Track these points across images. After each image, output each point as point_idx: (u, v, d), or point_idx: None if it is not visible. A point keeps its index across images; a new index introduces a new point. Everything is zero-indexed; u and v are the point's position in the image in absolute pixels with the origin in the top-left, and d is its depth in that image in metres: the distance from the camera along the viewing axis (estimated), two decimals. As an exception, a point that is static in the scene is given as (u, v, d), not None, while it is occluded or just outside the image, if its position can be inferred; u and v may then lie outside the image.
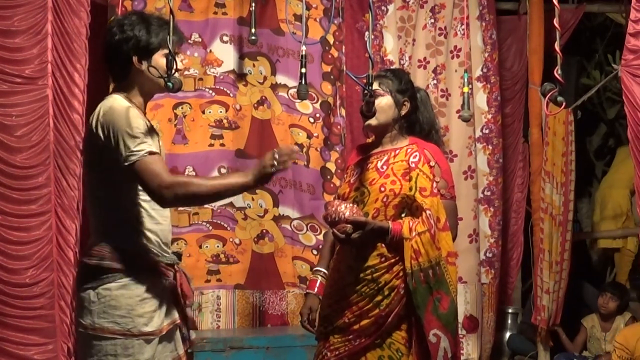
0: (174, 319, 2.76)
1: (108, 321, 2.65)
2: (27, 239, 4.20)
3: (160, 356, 2.74)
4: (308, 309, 3.29)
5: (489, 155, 5.57)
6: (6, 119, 4.19)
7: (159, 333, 2.71)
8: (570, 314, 5.77)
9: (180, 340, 2.82)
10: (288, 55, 5.46)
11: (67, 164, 4.26)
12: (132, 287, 2.67)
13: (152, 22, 2.79)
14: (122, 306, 2.65)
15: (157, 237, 2.74)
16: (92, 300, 2.66)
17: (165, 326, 2.73)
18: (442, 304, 3.03)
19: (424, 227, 3.03)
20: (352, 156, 3.40)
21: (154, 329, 2.69)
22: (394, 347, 3.07)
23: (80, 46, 4.31)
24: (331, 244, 3.36)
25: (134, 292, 2.67)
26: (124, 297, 2.65)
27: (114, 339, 2.65)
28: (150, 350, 2.68)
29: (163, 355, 2.75)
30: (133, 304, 2.66)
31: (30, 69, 4.23)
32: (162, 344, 2.74)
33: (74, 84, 4.29)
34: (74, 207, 4.28)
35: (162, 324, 2.71)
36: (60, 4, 4.26)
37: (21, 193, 4.20)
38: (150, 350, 2.68)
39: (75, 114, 4.28)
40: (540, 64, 5.66)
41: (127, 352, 2.65)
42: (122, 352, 2.65)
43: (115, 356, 2.65)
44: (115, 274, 2.67)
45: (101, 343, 2.66)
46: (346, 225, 2.97)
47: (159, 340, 2.72)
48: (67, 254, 4.24)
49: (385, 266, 3.07)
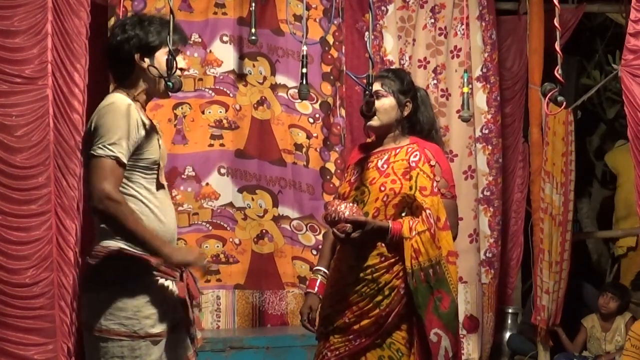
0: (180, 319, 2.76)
1: (114, 323, 2.64)
2: (27, 239, 4.19)
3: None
4: (308, 308, 3.29)
5: (489, 155, 5.57)
6: (6, 119, 4.18)
7: (165, 334, 2.70)
8: (570, 314, 5.77)
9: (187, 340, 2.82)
10: (288, 55, 5.46)
11: (67, 164, 4.26)
12: (138, 288, 2.66)
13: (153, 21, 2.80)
14: (128, 308, 2.64)
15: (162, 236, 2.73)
16: (98, 302, 2.66)
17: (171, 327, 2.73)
18: (443, 303, 3.03)
19: (424, 226, 3.03)
20: (352, 155, 3.39)
21: (160, 330, 2.68)
22: (394, 347, 3.07)
23: (80, 46, 4.30)
24: (331, 244, 3.36)
25: (140, 293, 2.66)
26: (130, 298, 2.65)
27: (121, 340, 2.64)
28: (157, 352, 2.68)
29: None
30: (139, 305, 2.65)
31: (30, 69, 4.23)
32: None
33: (74, 84, 4.29)
34: (74, 207, 4.27)
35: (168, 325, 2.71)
36: (60, 4, 4.25)
37: (21, 193, 4.19)
38: (158, 351, 2.68)
39: (75, 114, 4.27)
40: (540, 64, 5.66)
41: (134, 353, 2.65)
42: (129, 354, 2.64)
43: (122, 358, 2.64)
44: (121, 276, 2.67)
45: (108, 345, 2.64)
46: (346, 224, 2.97)
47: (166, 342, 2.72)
48: (67, 254, 4.24)
49: (386, 266, 3.07)
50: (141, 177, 2.72)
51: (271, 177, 5.38)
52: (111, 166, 2.59)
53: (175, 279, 2.75)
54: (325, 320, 3.18)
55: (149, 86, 2.80)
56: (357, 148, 3.41)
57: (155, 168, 2.76)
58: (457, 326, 3.11)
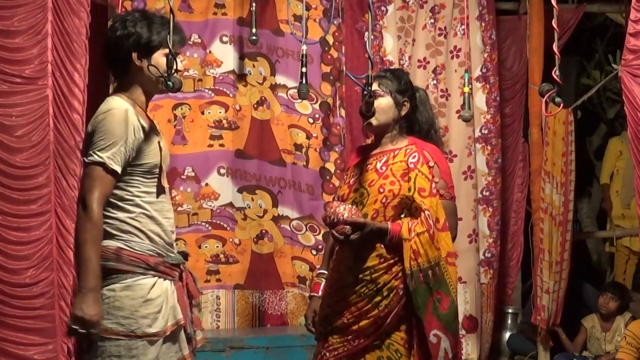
0: (178, 319, 2.76)
1: (112, 322, 2.64)
2: (27, 239, 4.19)
3: (165, 357, 2.74)
4: (313, 312, 3.29)
5: (488, 155, 5.57)
6: (6, 119, 4.18)
7: (162, 334, 2.70)
8: (570, 314, 5.77)
9: (185, 340, 2.82)
10: (287, 55, 5.46)
11: (67, 164, 4.26)
12: (135, 288, 2.67)
13: (154, 20, 2.79)
14: (126, 307, 2.65)
15: (161, 237, 2.73)
16: None
17: (169, 327, 2.72)
18: (442, 304, 3.03)
19: (423, 227, 3.03)
20: (352, 157, 3.40)
21: (157, 330, 2.68)
22: (393, 347, 3.08)
23: (80, 46, 4.30)
24: (332, 245, 3.36)
25: (138, 293, 2.66)
26: (128, 298, 2.65)
27: (118, 339, 2.65)
28: (154, 351, 2.68)
29: (167, 356, 2.75)
30: (137, 305, 2.65)
31: (30, 69, 4.22)
32: (166, 344, 2.74)
33: (74, 84, 4.28)
34: (74, 207, 4.27)
35: (166, 324, 2.71)
36: (60, 4, 4.25)
37: (21, 193, 4.19)
38: (154, 351, 2.68)
39: (75, 114, 4.27)
40: (540, 64, 5.66)
41: (131, 353, 2.65)
42: (125, 354, 2.64)
43: (119, 357, 2.64)
44: (119, 275, 2.67)
45: (105, 344, 2.65)
46: (345, 226, 2.97)
47: (163, 341, 2.71)
48: (67, 254, 4.23)
49: (384, 267, 3.07)
50: (141, 182, 2.73)
51: (271, 177, 5.38)
52: (99, 173, 2.62)
53: (174, 279, 2.75)
54: (324, 320, 3.19)
55: (148, 85, 2.80)
56: (356, 150, 3.42)
57: (156, 172, 2.76)
58: (456, 327, 3.11)
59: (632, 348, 4.73)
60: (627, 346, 4.75)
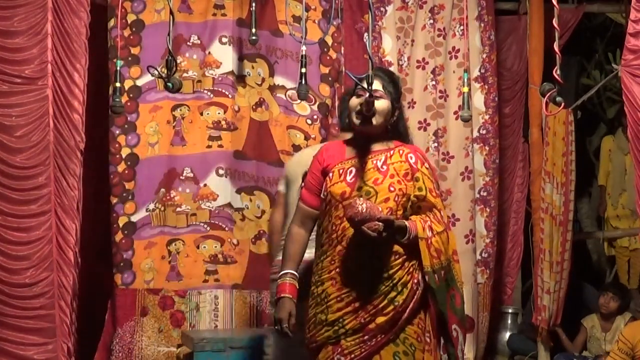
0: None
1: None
2: (27, 239, 4.20)
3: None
4: (287, 313, 3.19)
5: (486, 155, 5.57)
6: (6, 119, 4.19)
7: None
8: (570, 314, 5.77)
9: None
10: (286, 56, 5.46)
11: (67, 164, 4.26)
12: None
13: None
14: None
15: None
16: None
17: None
18: (456, 300, 3.14)
19: (442, 226, 3.11)
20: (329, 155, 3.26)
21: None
22: (408, 341, 3.10)
23: (80, 46, 4.31)
24: (301, 248, 3.29)
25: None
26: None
27: None
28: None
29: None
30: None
31: (30, 69, 4.23)
32: None
33: (74, 84, 4.29)
34: (74, 207, 4.27)
35: None
36: (60, 4, 4.26)
37: (21, 193, 4.19)
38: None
39: (75, 114, 4.27)
40: (540, 64, 5.66)
41: None
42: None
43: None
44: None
45: None
46: (378, 223, 2.99)
47: None
48: (67, 254, 4.24)
49: (399, 263, 3.10)
50: None
51: (269, 178, 5.38)
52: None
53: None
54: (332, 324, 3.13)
55: None
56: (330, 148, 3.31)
57: None
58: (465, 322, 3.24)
59: (621, 354, 4.69)
60: (618, 352, 4.71)
